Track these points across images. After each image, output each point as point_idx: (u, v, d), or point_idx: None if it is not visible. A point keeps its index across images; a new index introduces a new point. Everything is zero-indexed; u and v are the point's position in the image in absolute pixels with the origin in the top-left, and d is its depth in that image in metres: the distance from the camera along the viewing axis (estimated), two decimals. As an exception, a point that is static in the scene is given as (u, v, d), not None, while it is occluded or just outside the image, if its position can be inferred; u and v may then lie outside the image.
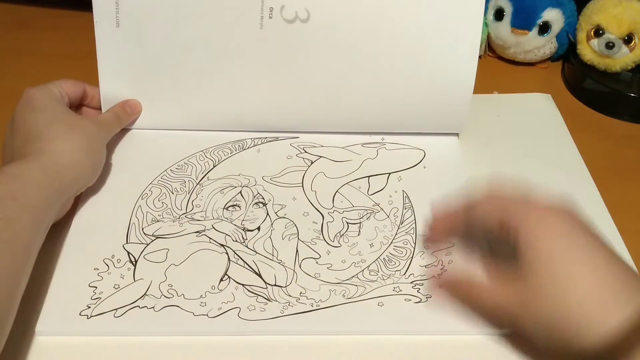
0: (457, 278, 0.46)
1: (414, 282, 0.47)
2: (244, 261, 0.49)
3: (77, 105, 0.57)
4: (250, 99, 0.58)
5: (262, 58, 0.56)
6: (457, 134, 0.61)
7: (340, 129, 0.60)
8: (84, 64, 0.57)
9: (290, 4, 0.54)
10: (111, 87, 0.57)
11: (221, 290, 0.46)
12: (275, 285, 0.47)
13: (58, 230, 0.51)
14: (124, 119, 0.58)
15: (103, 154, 0.53)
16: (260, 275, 0.48)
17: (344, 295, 0.46)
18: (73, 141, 0.49)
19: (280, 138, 0.60)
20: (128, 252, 0.49)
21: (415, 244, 0.50)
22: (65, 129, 0.50)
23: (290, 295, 0.46)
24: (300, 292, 0.47)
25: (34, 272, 0.47)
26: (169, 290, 0.46)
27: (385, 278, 0.48)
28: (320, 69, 0.57)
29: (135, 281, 0.47)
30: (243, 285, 0.47)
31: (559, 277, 0.39)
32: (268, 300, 0.46)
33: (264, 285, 0.47)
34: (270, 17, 0.54)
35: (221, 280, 0.47)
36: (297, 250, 0.50)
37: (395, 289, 0.47)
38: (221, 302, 0.46)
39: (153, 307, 0.45)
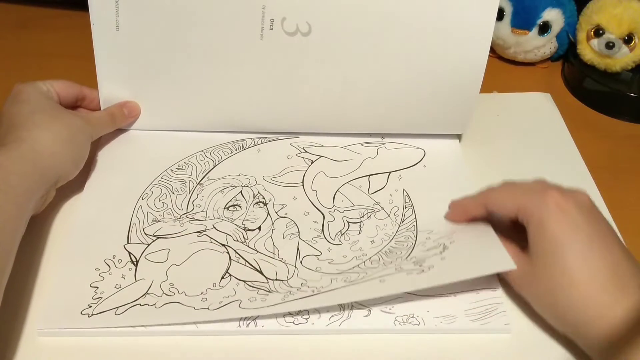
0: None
1: (416, 261, 0.47)
2: (245, 260, 0.49)
3: (72, 107, 0.57)
4: (249, 106, 0.58)
5: (262, 68, 0.56)
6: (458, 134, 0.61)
7: (343, 131, 0.60)
8: (84, 64, 0.57)
9: (291, 17, 0.54)
10: (111, 90, 0.57)
11: (222, 287, 0.46)
12: (276, 279, 0.47)
13: (59, 230, 0.51)
14: (119, 119, 0.57)
15: (85, 147, 0.53)
16: (261, 272, 0.48)
17: (345, 280, 0.47)
18: (53, 131, 0.49)
19: (280, 138, 0.60)
20: (129, 253, 0.49)
21: (416, 238, 0.50)
22: (46, 119, 0.50)
23: (291, 287, 0.46)
24: (302, 283, 0.47)
25: (35, 272, 0.48)
26: (170, 289, 0.46)
27: (387, 264, 0.48)
28: (321, 80, 0.56)
29: (136, 281, 0.47)
30: (244, 281, 0.47)
31: (562, 272, 0.41)
32: (269, 292, 0.46)
33: (264, 280, 0.47)
34: (271, 29, 0.54)
35: (222, 278, 0.47)
36: (298, 249, 0.50)
37: (397, 269, 0.47)
38: (222, 296, 0.46)
39: (154, 305, 0.45)
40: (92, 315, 0.44)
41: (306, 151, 0.59)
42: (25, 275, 0.47)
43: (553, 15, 0.69)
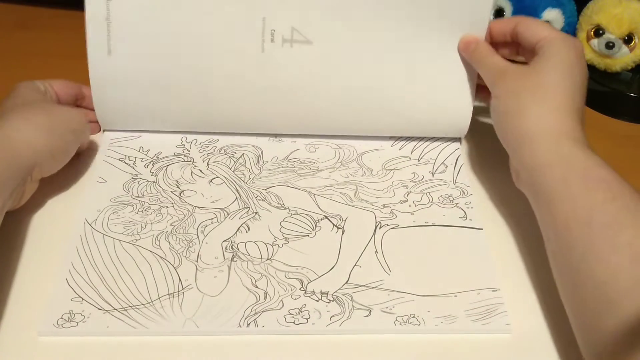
0: (479, 39, 0.54)
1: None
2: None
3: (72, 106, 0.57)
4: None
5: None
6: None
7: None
8: (84, 64, 0.57)
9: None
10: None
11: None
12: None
13: (59, 229, 0.51)
14: None
15: (67, 141, 0.51)
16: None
17: None
18: (32, 121, 0.49)
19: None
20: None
21: None
22: (29, 109, 0.50)
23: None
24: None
25: (35, 272, 0.48)
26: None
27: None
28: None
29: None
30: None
31: (551, 80, 0.48)
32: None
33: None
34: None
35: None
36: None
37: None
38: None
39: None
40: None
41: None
42: (25, 275, 0.47)
43: (553, 15, 0.69)
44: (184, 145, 0.59)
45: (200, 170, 0.56)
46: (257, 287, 0.47)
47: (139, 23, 0.54)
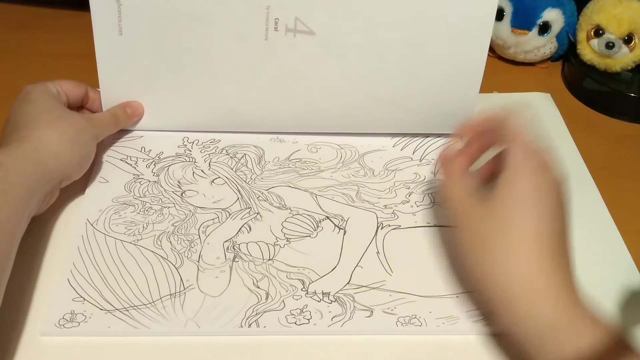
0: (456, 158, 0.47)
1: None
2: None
3: (77, 107, 0.57)
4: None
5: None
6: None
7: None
8: (84, 64, 0.57)
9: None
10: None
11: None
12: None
13: (62, 230, 0.51)
14: (122, 120, 0.57)
15: (90, 148, 0.53)
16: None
17: None
18: (58, 130, 0.49)
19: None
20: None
21: None
22: (52, 118, 0.50)
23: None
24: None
25: (36, 272, 0.48)
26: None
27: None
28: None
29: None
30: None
31: (507, 227, 0.41)
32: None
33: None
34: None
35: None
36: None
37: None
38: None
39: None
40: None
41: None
42: (27, 275, 0.47)
43: (553, 15, 0.69)
44: (185, 145, 0.59)
45: (202, 171, 0.56)
46: (258, 287, 0.47)
47: (148, 7, 0.53)
